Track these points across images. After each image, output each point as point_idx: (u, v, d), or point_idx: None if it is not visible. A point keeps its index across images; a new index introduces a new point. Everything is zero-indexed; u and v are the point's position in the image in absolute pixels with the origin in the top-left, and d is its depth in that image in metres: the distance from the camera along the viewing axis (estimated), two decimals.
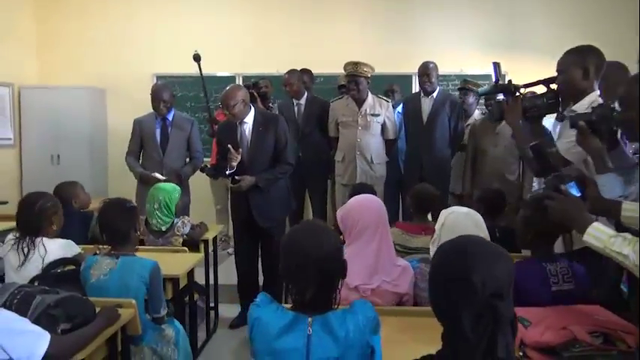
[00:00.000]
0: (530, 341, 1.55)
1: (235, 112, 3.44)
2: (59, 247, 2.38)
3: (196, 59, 4.13)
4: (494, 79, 2.36)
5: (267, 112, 4.07)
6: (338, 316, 1.37)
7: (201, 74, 4.20)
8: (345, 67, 4.15)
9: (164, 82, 4.99)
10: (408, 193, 3.07)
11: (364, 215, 2.00)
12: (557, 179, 1.70)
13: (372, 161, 4.22)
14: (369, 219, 2.00)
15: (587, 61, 2.24)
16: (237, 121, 3.51)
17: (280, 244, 1.41)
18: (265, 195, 3.54)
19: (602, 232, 1.58)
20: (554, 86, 2.32)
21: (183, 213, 3.51)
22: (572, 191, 1.71)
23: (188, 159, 4.19)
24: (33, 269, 2.30)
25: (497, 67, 2.33)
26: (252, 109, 3.58)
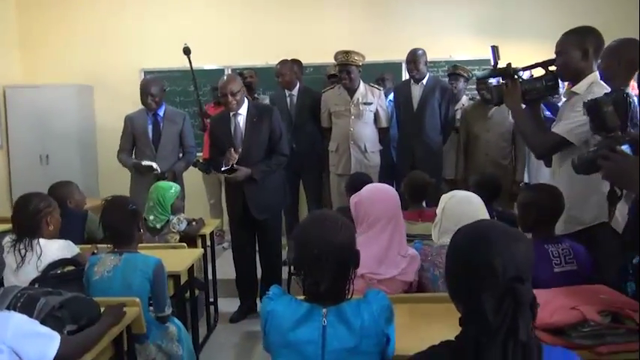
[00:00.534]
0: (540, 323, 1.54)
1: (238, 100, 3.43)
2: (58, 248, 2.35)
3: (186, 52, 4.09)
4: (492, 62, 2.36)
5: (261, 103, 4.05)
6: (352, 306, 1.37)
7: (192, 68, 4.16)
8: (336, 57, 4.12)
9: (153, 77, 4.93)
10: (401, 180, 3.08)
11: (377, 207, 1.99)
12: (613, 140, 1.67)
13: (366, 150, 4.22)
14: (382, 210, 1.99)
15: (586, 42, 2.24)
16: (232, 113, 3.49)
17: (293, 235, 1.40)
18: (260, 187, 3.53)
19: None
20: (552, 69, 2.33)
21: (178, 209, 3.49)
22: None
23: (181, 154, 4.14)
24: (31, 271, 2.27)
25: (496, 50, 2.33)
26: (246, 100, 3.56)
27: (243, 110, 3.52)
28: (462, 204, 2.13)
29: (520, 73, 2.35)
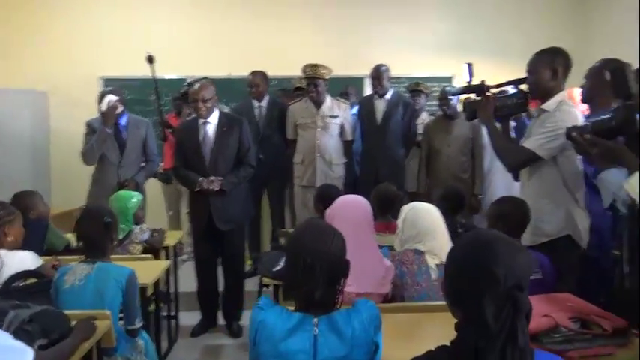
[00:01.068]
0: None
1: (208, 107, 3.39)
2: (22, 260, 2.25)
3: (150, 61, 4.01)
4: (468, 78, 2.45)
5: (231, 114, 4.01)
6: (343, 315, 1.39)
7: (154, 77, 4.08)
8: (304, 70, 4.16)
9: (114, 88, 4.76)
10: (363, 192, 3.13)
11: (349, 217, 2.02)
12: (628, 108, 1.80)
13: (331, 162, 4.25)
14: (354, 220, 2.02)
15: (555, 63, 2.36)
16: (202, 121, 3.45)
17: (286, 245, 1.41)
18: (225, 198, 3.50)
19: None
20: (522, 87, 2.44)
21: (140, 219, 3.40)
22: None
23: (143, 163, 4.04)
24: None
25: (471, 67, 2.43)
26: (217, 109, 3.53)
27: (213, 119, 3.49)
28: (422, 215, 2.23)
29: (492, 90, 2.45)
